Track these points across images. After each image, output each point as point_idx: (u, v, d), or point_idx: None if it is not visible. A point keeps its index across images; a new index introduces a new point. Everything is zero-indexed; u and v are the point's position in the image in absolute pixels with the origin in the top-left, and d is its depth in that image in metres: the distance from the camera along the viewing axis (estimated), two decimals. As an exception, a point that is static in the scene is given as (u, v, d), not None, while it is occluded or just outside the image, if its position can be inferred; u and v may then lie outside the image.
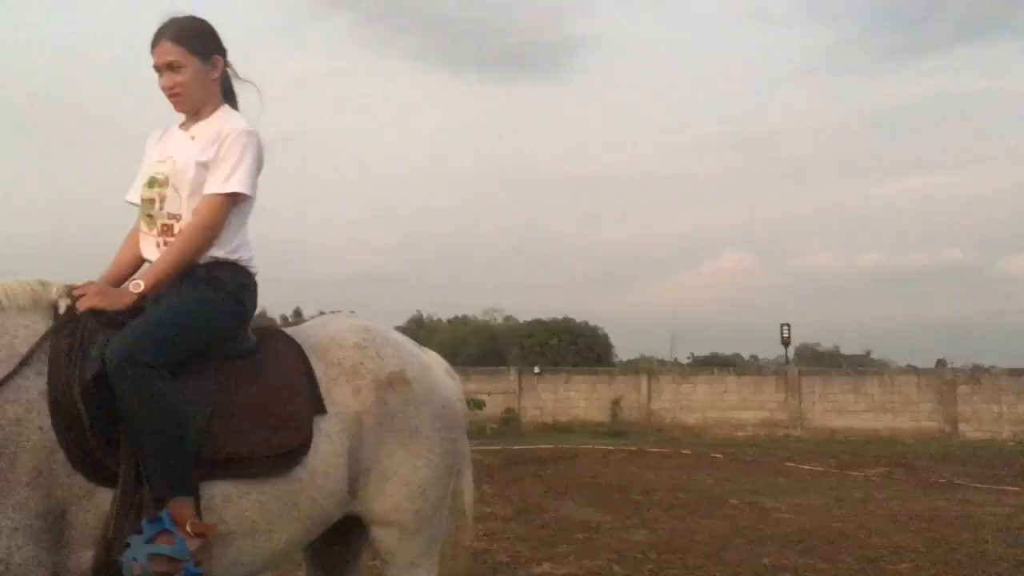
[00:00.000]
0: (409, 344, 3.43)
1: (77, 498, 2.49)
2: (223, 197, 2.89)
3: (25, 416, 2.44)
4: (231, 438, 2.73)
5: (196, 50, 2.97)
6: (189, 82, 2.96)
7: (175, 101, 3.00)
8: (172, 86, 2.95)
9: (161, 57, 2.94)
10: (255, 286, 3.06)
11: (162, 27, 2.96)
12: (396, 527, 3.14)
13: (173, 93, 2.97)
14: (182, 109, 3.03)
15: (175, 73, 2.94)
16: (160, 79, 2.97)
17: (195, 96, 3.00)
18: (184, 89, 2.96)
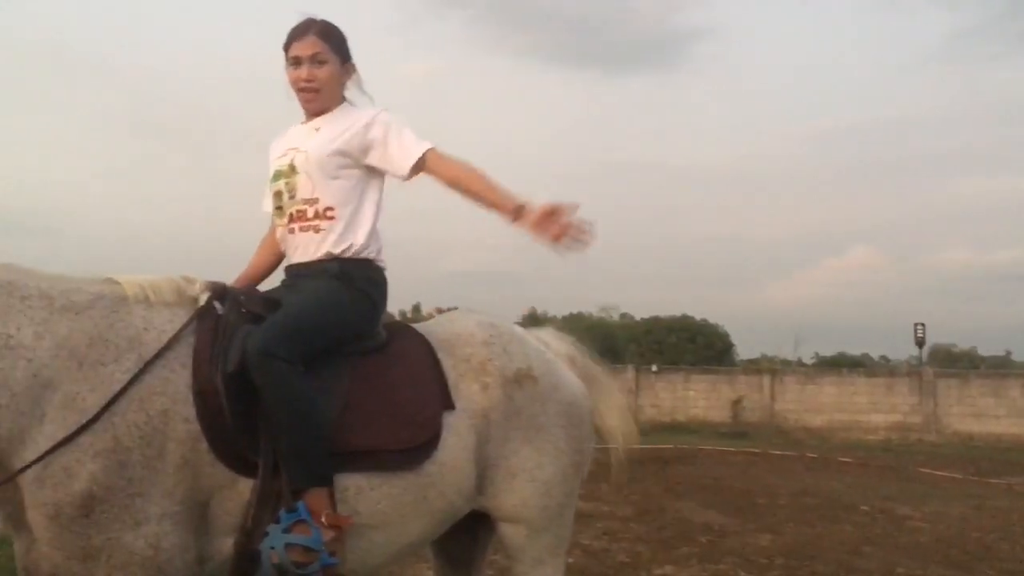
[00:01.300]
0: (535, 341, 3.42)
1: (220, 487, 2.58)
2: (431, 150, 2.95)
3: (172, 407, 2.54)
4: (363, 432, 2.77)
5: (338, 51, 3.05)
6: (328, 79, 3.02)
7: (309, 95, 3.03)
8: (312, 78, 3.00)
9: (306, 49, 2.99)
10: (385, 282, 3.11)
11: (307, 22, 3.03)
12: (523, 524, 3.13)
13: (311, 86, 3.01)
14: (312, 104, 3.06)
15: (317, 67, 3.00)
16: (296, 70, 3.01)
17: (328, 94, 3.05)
18: (322, 84, 3.02)
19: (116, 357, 2.53)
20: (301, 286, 2.88)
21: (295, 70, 3.02)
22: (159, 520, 2.47)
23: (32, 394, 2.42)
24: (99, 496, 2.40)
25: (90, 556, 2.41)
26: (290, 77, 3.05)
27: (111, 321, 2.58)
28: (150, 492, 2.47)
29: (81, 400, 2.45)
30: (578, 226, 2.74)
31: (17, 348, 2.43)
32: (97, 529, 2.40)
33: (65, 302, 2.55)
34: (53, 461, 2.38)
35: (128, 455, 2.44)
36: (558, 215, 2.73)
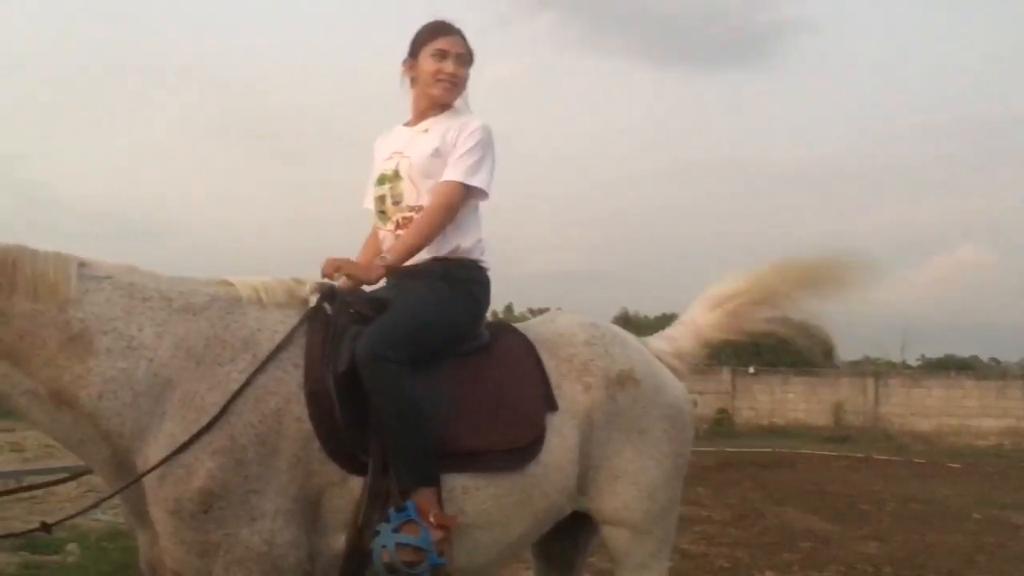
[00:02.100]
0: (637, 343, 3.40)
1: (330, 485, 2.64)
2: (461, 186, 2.99)
3: (285, 407, 2.61)
4: (468, 432, 2.80)
5: (471, 57, 3.17)
6: (464, 79, 3.15)
7: (448, 89, 3.11)
8: (457, 74, 3.10)
9: (456, 46, 3.11)
10: (488, 282, 3.14)
11: (450, 23, 3.14)
12: (626, 527, 3.11)
13: (453, 81, 3.11)
14: (448, 98, 3.14)
15: (462, 66, 3.12)
16: (441, 62, 3.09)
17: (459, 93, 3.16)
18: (460, 82, 3.13)
19: (232, 357, 2.62)
20: (407, 287, 2.92)
21: (439, 62, 3.10)
22: (273, 517, 2.54)
23: (153, 393, 2.53)
24: (217, 492, 2.48)
25: (208, 551, 2.50)
26: (429, 68, 3.12)
27: (227, 322, 2.67)
28: (265, 489, 2.54)
29: (200, 399, 2.54)
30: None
31: (139, 348, 2.54)
32: (215, 525, 2.49)
33: (183, 303, 2.65)
34: (174, 459, 2.47)
35: (244, 453, 2.52)
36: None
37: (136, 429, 2.51)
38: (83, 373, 2.47)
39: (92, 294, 2.55)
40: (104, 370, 2.49)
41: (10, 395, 2.49)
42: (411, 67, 3.18)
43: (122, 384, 2.50)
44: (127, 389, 2.50)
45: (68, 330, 2.48)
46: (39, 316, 2.47)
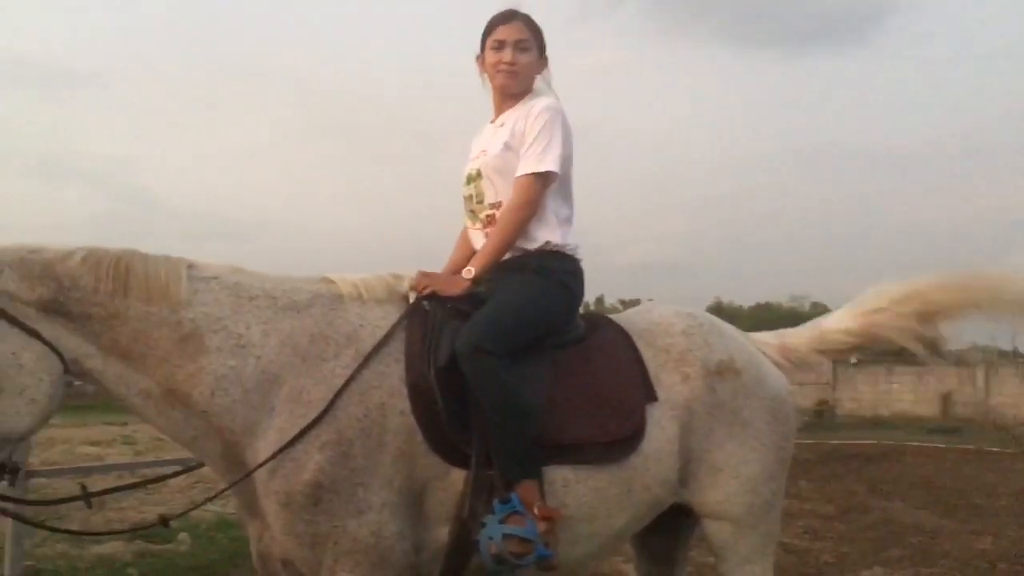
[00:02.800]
0: (735, 332, 3.33)
1: (434, 478, 2.67)
2: (532, 177, 2.95)
3: (388, 401, 2.64)
4: (567, 425, 2.79)
5: (538, 42, 3.12)
6: (527, 65, 3.09)
7: (507, 75, 3.08)
8: (514, 62, 3.06)
9: (512, 33, 3.07)
10: (581, 273, 3.11)
11: (513, 10, 3.11)
12: (728, 521, 3.06)
13: (511, 69, 3.07)
14: (508, 85, 3.11)
15: (520, 52, 3.07)
16: (499, 53, 3.07)
17: (524, 79, 3.11)
18: (521, 69, 3.08)
19: (336, 353, 2.66)
20: (503, 282, 2.92)
21: (497, 53, 3.08)
22: (380, 509, 2.58)
23: (262, 389, 2.59)
24: (325, 485, 2.53)
25: (318, 542, 2.56)
26: (490, 60, 3.11)
27: (330, 318, 2.72)
28: (371, 482, 2.58)
29: (306, 394, 2.59)
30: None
31: (247, 346, 2.61)
32: (324, 517, 2.54)
33: (287, 301, 2.71)
34: (284, 453, 2.53)
35: (350, 446, 2.57)
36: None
37: (246, 425, 2.58)
38: (195, 372, 2.55)
39: (201, 294, 2.63)
40: (215, 368, 2.56)
41: (126, 395, 2.59)
42: (481, 62, 3.18)
43: (232, 381, 2.57)
44: (237, 386, 2.57)
45: (180, 330, 2.56)
46: (152, 317, 2.55)
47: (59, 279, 2.48)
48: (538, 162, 2.95)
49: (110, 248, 2.61)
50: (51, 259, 2.50)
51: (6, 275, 2.43)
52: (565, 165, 3.02)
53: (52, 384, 2.46)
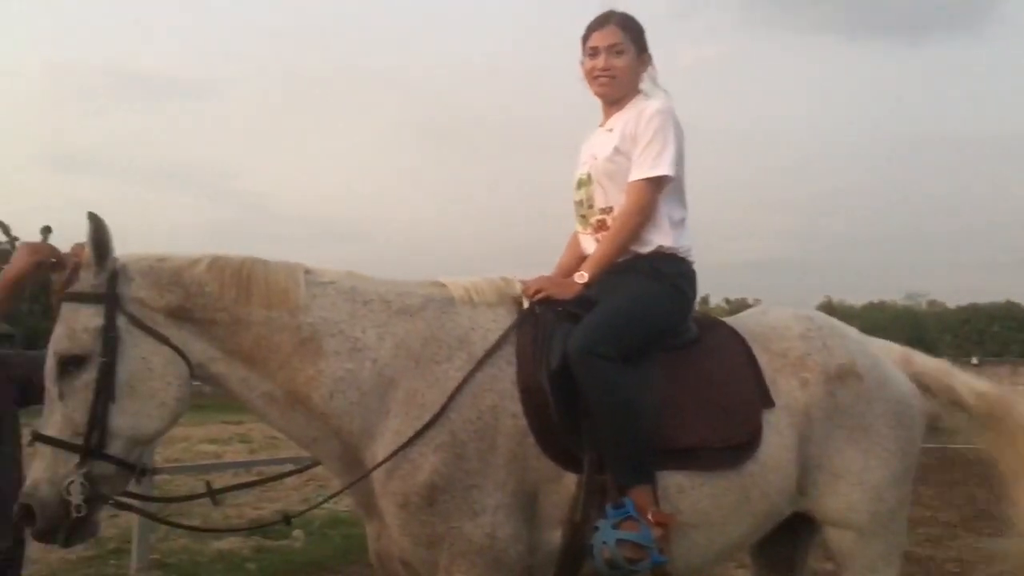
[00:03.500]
0: (856, 335, 3.22)
1: (546, 481, 2.66)
2: (646, 182, 2.92)
3: (500, 403, 2.65)
4: (681, 430, 2.75)
5: (636, 42, 3.07)
6: (624, 68, 3.04)
7: (604, 83, 3.06)
8: (608, 67, 3.03)
9: (605, 39, 3.04)
10: (694, 275, 3.05)
11: (608, 13, 3.07)
12: (851, 529, 2.96)
13: (607, 74, 3.04)
14: (607, 93, 3.08)
15: (615, 57, 3.03)
16: (593, 60, 3.06)
17: (623, 83, 3.06)
18: (618, 73, 3.04)
19: (448, 356, 2.69)
20: (614, 284, 2.89)
21: (592, 60, 3.07)
22: (494, 511, 2.59)
23: (378, 391, 2.64)
24: (441, 486, 2.56)
25: (434, 543, 2.58)
26: (586, 67, 3.10)
27: (442, 322, 2.75)
28: (484, 484, 2.59)
29: (421, 396, 2.62)
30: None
31: (364, 349, 2.66)
32: (440, 518, 2.56)
33: (401, 305, 2.75)
34: (400, 454, 2.57)
35: (464, 448, 2.59)
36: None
37: (363, 426, 2.63)
38: (315, 375, 2.61)
39: (319, 299, 2.68)
40: (333, 371, 2.61)
41: (249, 397, 2.66)
42: (583, 68, 3.15)
43: (350, 384, 2.62)
44: (354, 389, 2.62)
45: (299, 334, 2.62)
46: (273, 322, 2.62)
47: (186, 286, 2.58)
48: (652, 166, 2.91)
49: (232, 255, 2.70)
50: (178, 267, 2.60)
51: (137, 283, 2.54)
52: (678, 167, 2.97)
53: (180, 388, 2.55)
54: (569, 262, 3.20)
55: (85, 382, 2.44)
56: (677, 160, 2.95)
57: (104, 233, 2.48)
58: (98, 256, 2.49)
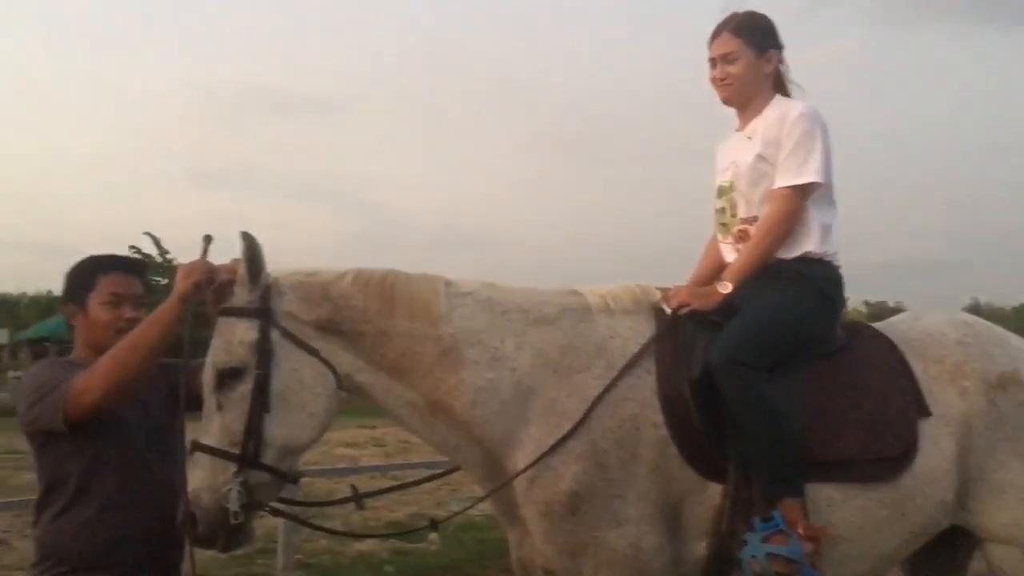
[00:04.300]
0: (1018, 341, 3.04)
1: (690, 492, 2.62)
2: (792, 189, 2.85)
3: (641, 412, 2.63)
4: (831, 441, 2.67)
5: (752, 42, 3.00)
6: (740, 73, 2.98)
7: (721, 90, 3.03)
8: (723, 76, 2.99)
9: (718, 48, 3.00)
10: (841, 280, 2.96)
11: (725, 20, 3.03)
12: (1016, 546, 2.80)
13: (723, 83, 3.01)
14: (727, 100, 3.05)
15: (729, 64, 2.98)
16: (713, 71, 3.03)
17: (742, 89, 3.00)
18: (734, 79, 2.99)
19: (587, 364, 2.68)
20: (758, 290, 2.83)
21: (712, 70, 3.04)
22: (637, 521, 2.57)
23: (518, 400, 2.65)
24: (583, 495, 2.56)
25: (578, 552, 2.58)
26: (709, 77, 3.07)
27: (579, 330, 2.75)
28: (627, 494, 2.58)
29: (561, 405, 2.63)
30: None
31: (503, 359, 2.68)
32: (584, 527, 2.56)
33: (538, 315, 2.76)
34: (542, 462, 2.58)
35: (605, 457, 2.58)
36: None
37: (504, 435, 2.65)
38: (456, 384, 2.65)
39: (458, 310, 2.72)
40: (474, 381, 2.65)
41: (392, 406, 2.73)
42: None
43: (490, 393, 2.65)
44: (495, 398, 2.65)
45: (441, 345, 2.67)
46: (416, 333, 2.67)
47: (334, 300, 2.66)
48: (798, 173, 2.84)
49: (375, 269, 2.77)
50: (326, 281, 2.69)
51: (288, 298, 2.63)
52: (826, 172, 2.88)
53: (329, 399, 2.64)
54: (706, 271, 3.16)
55: (242, 393, 2.53)
56: (825, 164, 2.86)
57: (257, 251, 2.58)
58: (252, 273, 2.59)
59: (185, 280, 2.63)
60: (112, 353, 2.61)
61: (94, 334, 2.81)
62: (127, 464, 2.72)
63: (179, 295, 2.61)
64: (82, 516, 2.67)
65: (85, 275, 2.87)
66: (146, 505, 2.71)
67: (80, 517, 2.68)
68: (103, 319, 2.80)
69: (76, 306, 2.85)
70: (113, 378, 2.57)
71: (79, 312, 2.83)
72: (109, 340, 2.74)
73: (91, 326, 2.82)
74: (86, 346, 2.84)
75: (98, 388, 2.57)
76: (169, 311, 2.62)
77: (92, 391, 2.57)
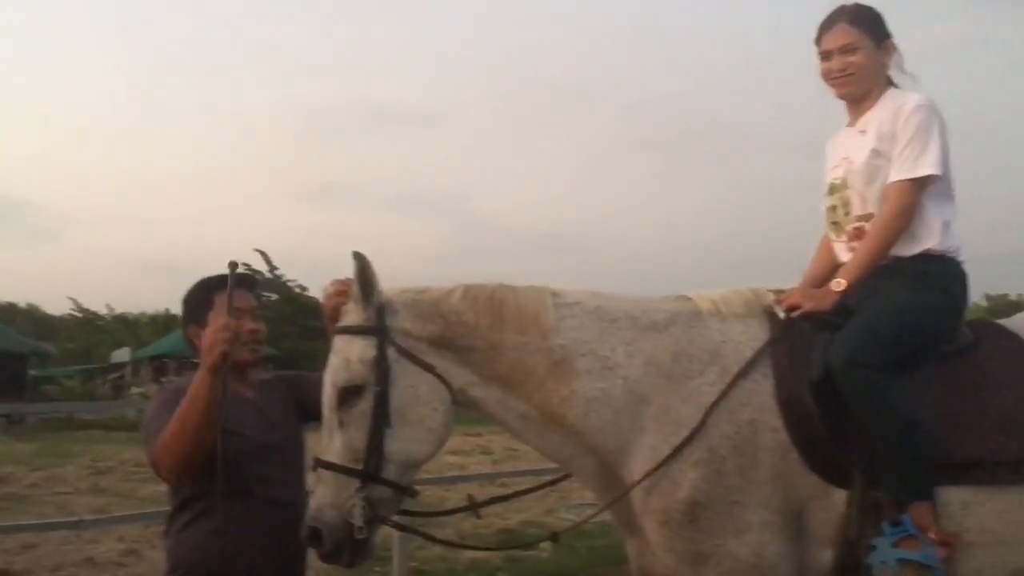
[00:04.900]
0: None
1: (813, 497, 2.57)
2: (909, 183, 2.76)
3: (759, 417, 2.59)
4: (962, 442, 2.57)
5: (872, 33, 2.92)
6: (862, 64, 2.90)
7: (842, 83, 2.94)
8: (844, 68, 2.91)
9: (835, 40, 2.92)
10: (964, 276, 2.85)
11: (836, 11, 2.96)
12: None
13: (844, 74, 2.92)
14: (846, 92, 2.96)
15: (848, 55, 2.90)
16: (827, 63, 2.94)
17: (864, 80, 2.92)
18: (856, 70, 2.90)
19: (701, 370, 2.66)
20: (876, 289, 2.75)
21: (826, 63, 2.95)
22: (759, 529, 2.53)
23: (630, 409, 2.65)
24: (702, 503, 2.54)
25: (699, 561, 2.56)
26: (822, 71, 2.98)
27: (691, 336, 2.72)
28: (747, 501, 2.54)
29: (674, 412, 2.61)
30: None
31: (614, 368, 2.68)
32: (704, 535, 2.54)
33: (647, 321, 2.75)
34: (659, 471, 2.57)
35: (723, 464, 2.55)
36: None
37: (619, 444, 2.65)
38: (568, 395, 2.66)
39: (567, 320, 2.73)
40: (586, 391, 2.65)
41: (505, 418, 2.75)
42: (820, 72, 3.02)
43: (603, 403, 2.64)
44: (607, 407, 2.64)
45: (552, 356, 2.68)
46: (527, 346, 2.69)
47: (445, 316, 2.70)
48: (914, 167, 2.75)
49: (484, 284, 2.80)
50: (437, 298, 2.73)
51: (402, 315, 2.69)
52: (945, 164, 2.79)
53: (445, 413, 2.68)
54: (819, 271, 3.08)
55: (362, 410, 2.58)
56: (942, 157, 2.77)
57: (369, 271, 2.64)
58: (365, 292, 2.64)
59: (211, 353, 2.67)
60: (170, 430, 2.72)
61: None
62: (250, 479, 2.81)
63: (209, 369, 2.66)
64: (208, 527, 2.78)
65: (202, 296, 2.99)
66: (269, 518, 2.80)
67: (206, 528, 2.79)
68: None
69: (198, 327, 2.94)
70: (173, 459, 2.74)
71: (202, 332, 2.91)
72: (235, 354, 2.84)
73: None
74: None
75: (164, 467, 2.79)
76: (203, 388, 2.68)
77: (160, 468, 2.81)
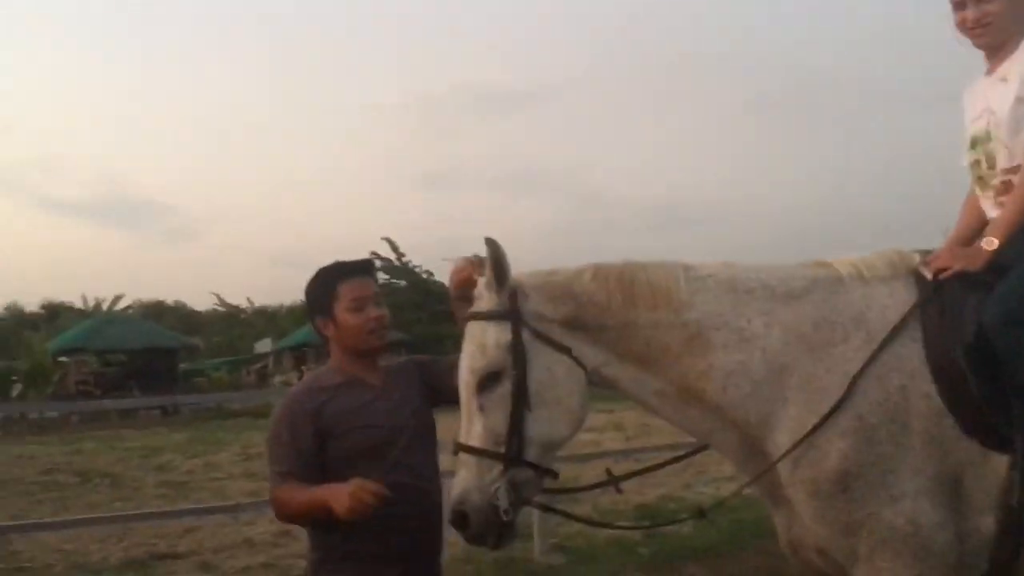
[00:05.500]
0: None
1: (971, 463, 2.48)
2: None
3: (910, 383, 2.51)
4: None
5: None
6: (998, 12, 2.76)
7: (980, 34, 2.80)
8: (980, 17, 2.77)
9: None
10: None
11: None
12: None
13: (980, 23, 2.78)
14: (986, 42, 2.82)
15: (984, 3, 2.76)
16: (963, 11, 2.81)
17: (1003, 27, 2.78)
18: (993, 19, 2.76)
19: (844, 337, 2.59)
20: None
21: (961, 11, 2.82)
22: (914, 496, 2.46)
23: (771, 380, 2.60)
24: (852, 472, 2.48)
25: (852, 531, 2.51)
26: (956, 21, 2.85)
27: (832, 303, 2.65)
28: (900, 468, 2.47)
29: (818, 381, 2.56)
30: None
31: (752, 339, 2.63)
32: (856, 504, 2.49)
33: (785, 290, 2.69)
34: (806, 442, 2.52)
35: (874, 432, 2.48)
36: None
37: (760, 416, 2.61)
38: (705, 369, 2.63)
39: (700, 294, 2.70)
40: (723, 364, 2.62)
41: (642, 396, 2.75)
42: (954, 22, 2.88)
43: (741, 375, 2.61)
44: (746, 380, 2.61)
45: (686, 331, 2.66)
46: (660, 323, 2.68)
47: (577, 297, 2.71)
48: None
49: (613, 263, 2.79)
50: (568, 279, 2.74)
51: (533, 298, 2.70)
52: None
53: (581, 394, 2.69)
54: (967, 229, 2.95)
55: (501, 395, 2.61)
56: None
57: (502, 256, 2.66)
58: (498, 278, 2.66)
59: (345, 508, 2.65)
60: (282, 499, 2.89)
61: (348, 339, 2.99)
62: (391, 463, 2.87)
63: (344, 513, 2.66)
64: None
65: (326, 288, 3.02)
66: (409, 498, 2.85)
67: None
68: (353, 324, 2.96)
69: (325, 318, 3.01)
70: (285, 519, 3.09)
71: (329, 322, 2.99)
72: (362, 341, 2.95)
73: (343, 333, 2.98)
74: (342, 351, 3.03)
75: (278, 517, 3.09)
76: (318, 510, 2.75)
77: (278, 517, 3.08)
